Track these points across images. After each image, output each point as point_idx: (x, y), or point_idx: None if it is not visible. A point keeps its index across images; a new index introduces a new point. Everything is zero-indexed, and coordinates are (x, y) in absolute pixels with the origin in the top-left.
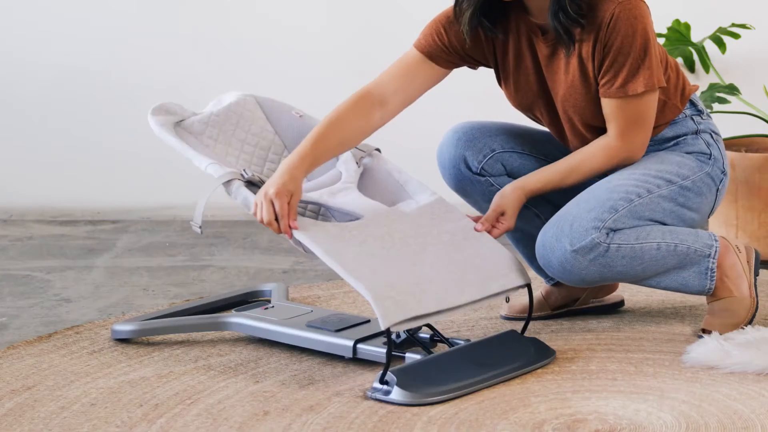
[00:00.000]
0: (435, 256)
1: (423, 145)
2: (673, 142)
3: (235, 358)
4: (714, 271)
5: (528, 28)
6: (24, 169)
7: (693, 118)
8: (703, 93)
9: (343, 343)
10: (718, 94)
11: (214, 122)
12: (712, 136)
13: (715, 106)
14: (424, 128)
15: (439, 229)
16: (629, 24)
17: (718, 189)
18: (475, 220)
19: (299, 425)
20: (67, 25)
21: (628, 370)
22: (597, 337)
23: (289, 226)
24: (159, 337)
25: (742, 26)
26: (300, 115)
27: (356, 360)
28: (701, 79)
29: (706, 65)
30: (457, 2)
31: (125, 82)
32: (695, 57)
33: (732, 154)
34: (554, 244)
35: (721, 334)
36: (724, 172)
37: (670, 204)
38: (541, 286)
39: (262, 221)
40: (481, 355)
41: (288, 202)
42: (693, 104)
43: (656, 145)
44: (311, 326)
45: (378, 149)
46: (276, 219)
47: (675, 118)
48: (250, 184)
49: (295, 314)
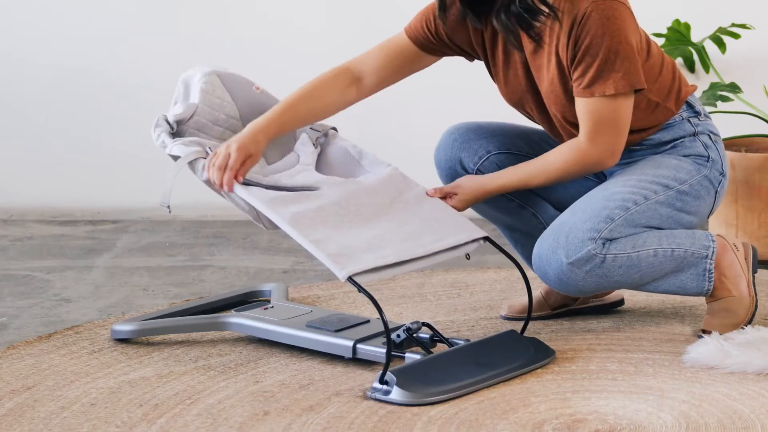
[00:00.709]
0: (390, 220)
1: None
2: (670, 145)
3: (235, 358)
4: (712, 273)
5: None
6: (24, 169)
7: (690, 120)
8: (704, 92)
9: (343, 343)
10: (720, 93)
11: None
12: (711, 137)
13: (717, 105)
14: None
15: (393, 197)
16: (600, 24)
17: (716, 191)
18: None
19: (299, 425)
20: (67, 25)
21: (628, 370)
22: (597, 337)
23: (234, 181)
24: (159, 337)
25: (742, 26)
26: (259, 90)
27: (356, 360)
28: (701, 79)
29: (706, 65)
30: None
31: (125, 82)
32: (695, 57)
33: (732, 154)
34: (550, 256)
35: (721, 334)
36: (722, 174)
37: (668, 209)
38: (540, 286)
39: (209, 175)
40: (481, 355)
41: (243, 161)
42: (690, 106)
43: (653, 149)
44: (311, 326)
45: (334, 128)
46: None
47: (671, 121)
48: None
49: (294, 314)
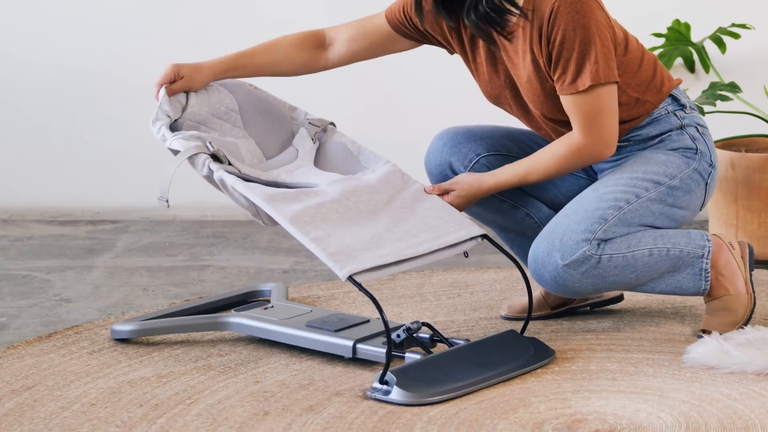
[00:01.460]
0: (388, 218)
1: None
2: (657, 140)
3: (235, 358)
4: (708, 272)
5: None
6: (24, 169)
7: (676, 114)
8: (704, 92)
9: (343, 343)
10: (720, 92)
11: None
12: (698, 129)
13: (717, 105)
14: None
15: (392, 195)
16: (570, 18)
17: (707, 183)
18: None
19: (299, 425)
20: (67, 25)
21: (628, 370)
22: (597, 337)
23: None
24: (159, 337)
25: (742, 26)
26: (254, 87)
27: (356, 360)
28: (701, 79)
29: (706, 65)
30: None
31: (125, 82)
32: (695, 57)
33: (732, 154)
34: (545, 258)
35: (721, 334)
36: (712, 165)
37: (660, 206)
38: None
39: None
40: (481, 355)
41: (174, 79)
42: (675, 99)
43: (641, 144)
44: (311, 326)
45: (333, 123)
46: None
47: (656, 115)
48: (215, 158)
49: (294, 314)
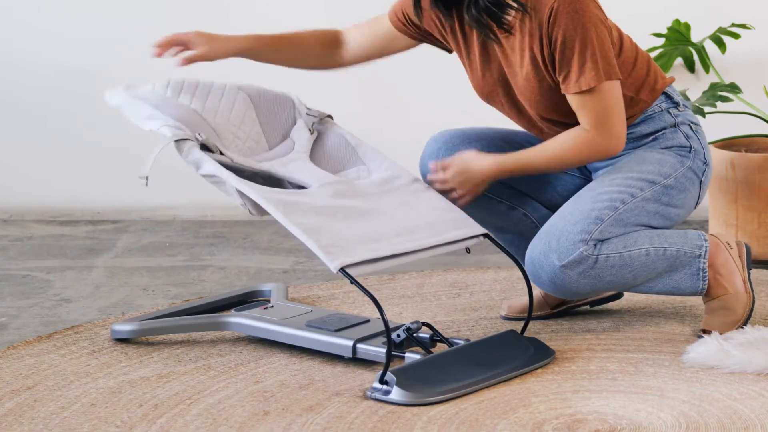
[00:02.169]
0: (385, 214)
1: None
2: (651, 138)
3: (235, 358)
4: (705, 272)
5: None
6: (24, 169)
7: (669, 111)
8: (704, 92)
9: (343, 342)
10: (720, 93)
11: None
12: (692, 127)
13: (717, 106)
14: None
15: (389, 194)
16: (569, 18)
17: (701, 181)
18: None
19: (299, 425)
20: (67, 25)
21: (628, 370)
22: (597, 337)
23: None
24: (159, 337)
25: (742, 26)
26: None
27: (356, 360)
28: (701, 79)
29: (706, 65)
30: None
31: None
32: (695, 57)
33: (732, 154)
34: (542, 260)
35: (721, 333)
36: (705, 163)
37: (655, 205)
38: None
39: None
40: (481, 355)
41: (189, 45)
42: (668, 97)
43: (634, 142)
44: (311, 326)
45: (330, 116)
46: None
47: (650, 113)
48: (204, 147)
49: (294, 314)
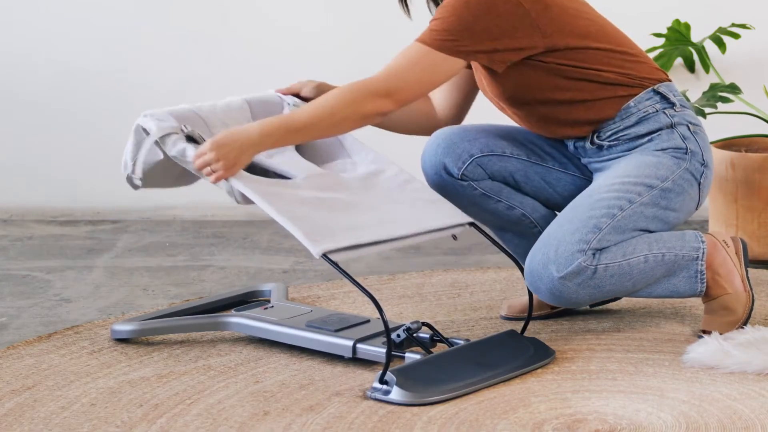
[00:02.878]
0: (369, 206)
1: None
2: (646, 138)
3: (235, 358)
4: (704, 274)
5: None
6: (24, 169)
7: (665, 112)
8: (704, 93)
9: (343, 343)
10: (720, 93)
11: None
12: (689, 128)
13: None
14: None
15: (374, 188)
16: None
17: (699, 183)
18: None
19: (299, 425)
20: (68, 25)
21: (628, 370)
22: (597, 337)
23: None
24: (159, 337)
25: (742, 26)
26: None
27: (356, 360)
28: (701, 79)
29: (706, 65)
30: None
31: (125, 82)
32: (695, 57)
33: (732, 154)
34: (541, 271)
35: (721, 333)
36: (704, 164)
37: (653, 209)
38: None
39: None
40: (481, 355)
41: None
42: (664, 97)
43: (629, 142)
44: (311, 326)
45: None
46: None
47: (645, 114)
48: (191, 139)
49: (294, 314)
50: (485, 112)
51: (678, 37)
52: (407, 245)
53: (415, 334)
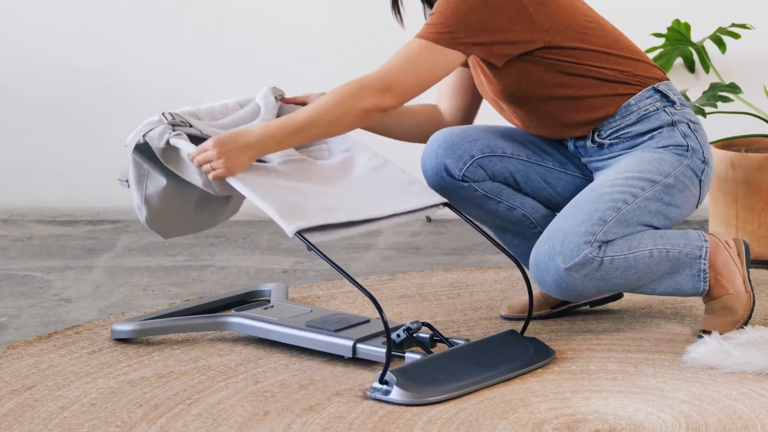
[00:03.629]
0: (344, 190)
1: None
2: (648, 136)
3: (235, 358)
4: (706, 273)
5: None
6: (24, 169)
7: (666, 110)
8: (704, 93)
9: (343, 343)
10: (720, 93)
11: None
12: (690, 126)
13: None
14: None
15: (349, 175)
16: None
17: (700, 180)
18: None
19: (299, 425)
20: (68, 25)
21: (628, 370)
22: (597, 337)
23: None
24: (159, 337)
25: (742, 26)
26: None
27: (356, 360)
28: (701, 79)
29: (706, 65)
30: None
31: (126, 81)
32: (695, 57)
33: (732, 154)
34: (548, 263)
35: (721, 333)
36: (705, 162)
37: (657, 204)
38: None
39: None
40: (481, 355)
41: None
42: (664, 96)
43: (630, 141)
44: (311, 326)
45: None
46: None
47: (646, 113)
48: (176, 125)
49: (294, 314)
50: (485, 113)
51: (678, 37)
52: (382, 227)
53: (415, 334)
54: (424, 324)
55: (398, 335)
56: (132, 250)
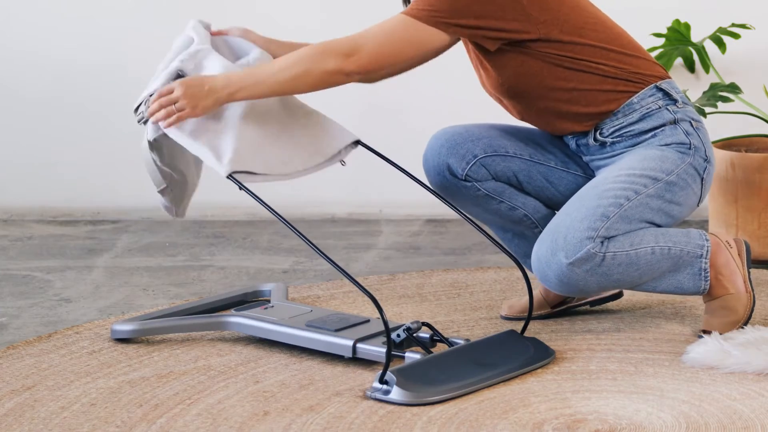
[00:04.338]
0: (277, 125)
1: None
2: (650, 134)
3: (235, 358)
4: (707, 272)
5: None
6: (24, 169)
7: (668, 108)
8: (705, 93)
9: (343, 342)
10: (720, 93)
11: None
12: (692, 124)
13: (717, 107)
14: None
15: (278, 105)
16: None
17: (702, 178)
18: None
19: (299, 425)
20: (68, 24)
21: (628, 370)
22: (597, 337)
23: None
24: (159, 337)
25: (742, 26)
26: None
27: (356, 360)
28: (701, 79)
29: (706, 65)
30: None
31: (126, 82)
32: (695, 57)
33: (732, 154)
34: (550, 258)
35: (721, 333)
36: (707, 160)
37: (659, 201)
38: (540, 284)
39: (152, 108)
40: (481, 355)
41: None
42: (666, 94)
43: (633, 138)
44: (311, 326)
45: None
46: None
47: (648, 111)
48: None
49: (294, 314)
50: (485, 112)
51: (678, 37)
52: (308, 175)
53: (415, 334)
54: (424, 324)
55: (398, 335)
56: (132, 250)
